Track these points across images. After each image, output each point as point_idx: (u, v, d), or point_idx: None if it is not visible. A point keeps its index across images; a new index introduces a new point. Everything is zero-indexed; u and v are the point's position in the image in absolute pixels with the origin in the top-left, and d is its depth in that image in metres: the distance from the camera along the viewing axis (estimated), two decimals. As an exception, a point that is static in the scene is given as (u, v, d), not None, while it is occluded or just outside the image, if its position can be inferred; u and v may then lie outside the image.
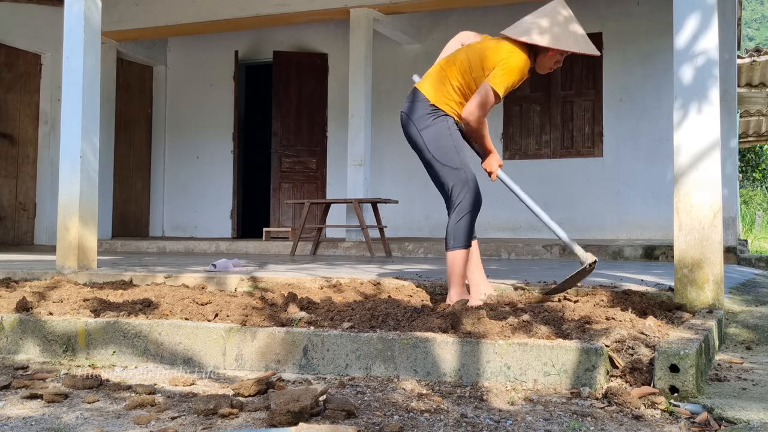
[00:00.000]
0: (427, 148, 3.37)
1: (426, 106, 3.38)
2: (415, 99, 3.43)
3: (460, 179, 3.34)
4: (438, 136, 3.35)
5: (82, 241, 4.66)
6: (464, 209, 3.34)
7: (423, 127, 3.37)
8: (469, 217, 3.34)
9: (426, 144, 3.36)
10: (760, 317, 3.42)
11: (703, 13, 3.33)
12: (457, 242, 3.34)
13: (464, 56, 3.39)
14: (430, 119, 3.36)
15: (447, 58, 3.46)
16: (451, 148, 3.34)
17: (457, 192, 3.34)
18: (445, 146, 3.34)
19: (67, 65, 4.82)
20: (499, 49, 3.32)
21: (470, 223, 3.35)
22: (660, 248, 6.61)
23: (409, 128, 3.43)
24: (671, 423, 1.98)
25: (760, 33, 46.65)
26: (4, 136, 9.32)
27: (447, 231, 3.37)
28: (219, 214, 10.29)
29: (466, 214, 3.34)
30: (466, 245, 3.35)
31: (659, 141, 8.33)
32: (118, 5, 8.68)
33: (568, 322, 2.76)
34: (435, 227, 9.15)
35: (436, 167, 3.37)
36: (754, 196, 21.84)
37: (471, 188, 3.34)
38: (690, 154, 3.30)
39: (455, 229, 3.34)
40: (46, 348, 2.92)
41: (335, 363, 2.55)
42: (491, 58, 3.31)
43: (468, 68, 3.35)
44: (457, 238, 3.34)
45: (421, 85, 3.45)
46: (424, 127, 3.37)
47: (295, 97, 9.84)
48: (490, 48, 3.35)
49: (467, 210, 3.34)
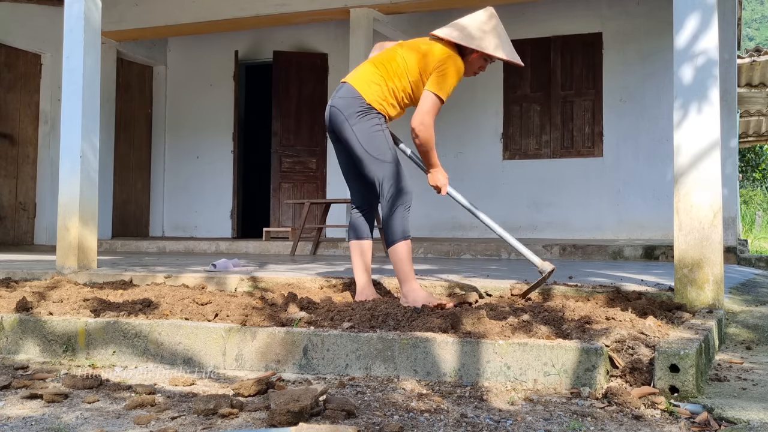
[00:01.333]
0: (359, 142, 3.39)
1: (361, 103, 3.41)
2: (349, 95, 3.44)
3: (391, 173, 3.39)
4: (371, 131, 3.39)
5: (82, 241, 4.66)
6: (396, 202, 3.37)
7: (356, 122, 3.40)
8: (401, 208, 3.38)
9: (359, 139, 3.39)
10: (760, 317, 3.42)
11: (703, 13, 3.33)
12: (396, 235, 3.37)
13: (399, 58, 3.45)
14: (363, 116, 3.40)
15: (380, 58, 3.50)
16: (383, 142, 3.40)
17: (389, 185, 3.38)
18: (378, 140, 3.39)
19: (67, 65, 4.82)
20: (433, 51, 3.39)
21: (404, 214, 3.39)
22: (660, 248, 6.60)
23: (340, 123, 3.43)
24: (671, 423, 1.98)
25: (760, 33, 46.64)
26: (4, 136, 9.32)
27: (384, 228, 3.40)
28: (219, 214, 10.29)
29: (399, 206, 3.38)
30: (406, 236, 3.38)
31: (659, 141, 8.33)
32: (118, 5, 8.68)
33: (568, 322, 2.76)
34: (435, 227, 9.15)
35: (367, 161, 3.40)
36: (754, 196, 21.84)
37: (401, 180, 3.39)
38: (690, 154, 3.30)
39: (391, 223, 3.37)
40: (46, 348, 2.92)
41: (335, 363, 2.55)
42: (427, 62, 3.37)
43: (404, 71, 3.42)
44: (396, 232, 3.37)
45: (354, 82, 3.46)
46: (356, 122, 3.39)
47: (295, 97, 9.84)
48: (423, 50, 3.42)
49: (399, 202, 3.38)
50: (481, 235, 8.92)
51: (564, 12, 8.75)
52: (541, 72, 8.92)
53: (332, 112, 3.47)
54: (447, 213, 8.93)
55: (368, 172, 3.42)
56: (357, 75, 3.50)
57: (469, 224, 9.03)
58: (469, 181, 8.77)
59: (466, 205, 3.57)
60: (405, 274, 3.37)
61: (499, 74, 9.00)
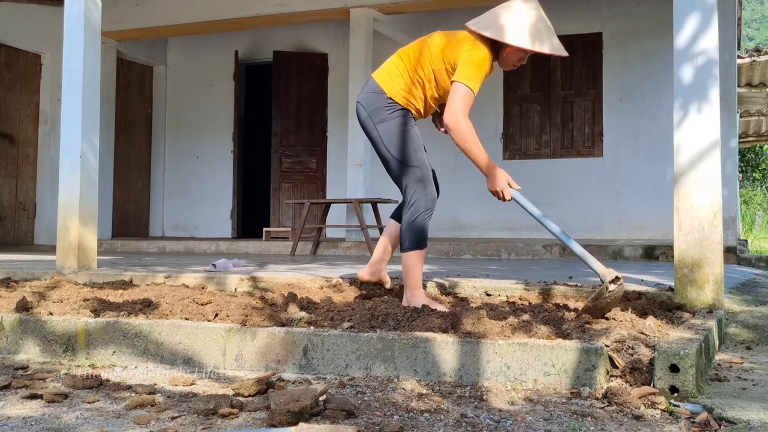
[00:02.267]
0: (382, 142, 3.26)
1: (383, 98, 3.25)
2: (371, 90, 3.30)
3: (415, 178, 3.23)
4: (394, 132, 3.23)
5: (82, 241, 4.66)
6: (418, 210, 3.23)
7: (379, 120, 3.26)
8: (423, 215, 3.23)
9: (381, 138, 3.25)
10: (760, 317, 3.42)
11: (703, 13, 3.33)
12: (412, 244, 3.24)
13: (421, 48, 3.25)
14: (387, 113, 3.25)
15: (405, 49, 3.34)
16: (407, 144, 3.22)
17: (412, 191, 3.23)
18: (401, 142, 3.22)
19: (67, 65, 4.82)
20: (460, 41, 3.17)
21: (424, 223, 3.24)
22: (660, 248, 6.61)
23: (363, 120, 3.31)
24: (671, 423, 1.98)
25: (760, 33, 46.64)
26: (4, 136, 9.32)
27: (401, 232, 3.27)
28: (219, 214, 10.29)
29: (420, 214, 3.23)
30: (422, 245, 3.25)
31: (659, 141, 8.33)
32: (118, 5, 8.68)
33: (568, 322, 2.76)
34: (435, 227, 9.14)
35: (391, 163, 3.26)
36: (754, 196, 21.84)
37: (425, 188, 3.24)
38: (690, 154, 3.30)
39: (410, 230, 3.23)
40: (46, 348, 2.92)
41: (335, 363, 2.55)
42: (451, 50, 3.16)
43: (428, 59, 3.21)
44: (412, 240, 3.24)
45: (377, 75, 3.33)
46: (380, 120, 3.25)
47: (295, 97, 9.84)
48: (450, 39, 3.21)
49: (421, 210, 3.23)
50: (480, 235, 8.92)
51: (564, 12, 8.75)
52: (541, 72, 8.92)
53: (357, 109, 3.35)
54: (447, 213, 8.93)
55: (391, 173, 3.29)
56: (381, 68, 3.35)
57: (469, 224, 9.03)
58: (469, 182, 8.77)
59: (534, 213, 3.16)
60: (414, 281, 3.26)
61: (499, 74, 9.00)
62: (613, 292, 2.87)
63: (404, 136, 3.23)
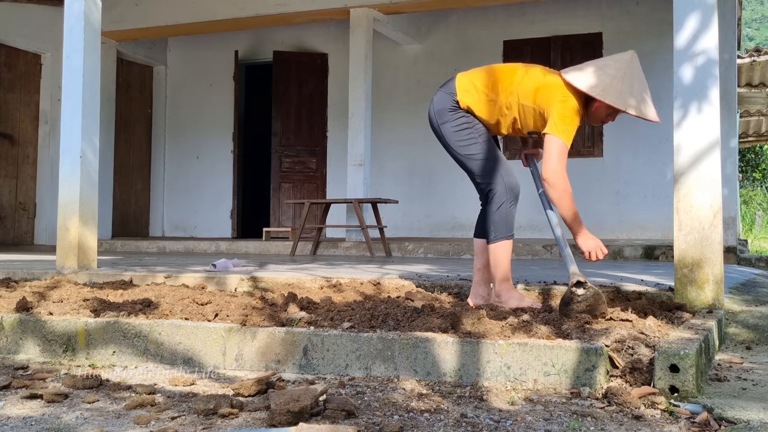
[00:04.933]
0: (447, 141, 3.30)
1: (452, 101, 3.28)
2: (447, 90, 3.32)
3: (483, 169, 3.25)
4: (457, 128, 3.26)
5: (82, 241, 4.66)
6: (499, 198, 3.24)
7: (443, 121, 3.29)
8: (505, 204, 3.23)
9: (446, 137, 3.29)
10: (760, 317, 3.42)
11: (703, 13, 3.33)
12: (498, 233, 3.24)
13: (518, 77, 3.21)
14: (451, 114, 3.28)
15: (498, 68, 3.31)
16: (472, 137, 3.24)
17: (485, 183, 3.27)
18: (463, 135, 3.25)
19: (67, 65, 4.82)
20: (553, 90, 3.13)
21: (507, 211, 3.23)
22: (660, 248, 6.60)
23: (430, 118, 3.36)
24: (671, 423, 1.98)
25: (760, 33, 46.65)
26: (4, 136, 9.32)
27: (487, 224, 3.27)
28: (219, 214, 10.29)
29: (504, 203, 3.23)
30: (509, 234, 3.24)
31: (659, 141, 8.33)
32: (118, 5, 8.68)
33: (567, 322, 2.76)
34: (435, 227, 9.15)
35: (459, 159, 3.30)
36: (754, 196, 21.83)
37: (500, 175, 3.24)
38: (690, 154, 3.30)
39: (492, 218, 3.24)
40: (46, 348, 2.92)
41: (335, 363, 2.55)
42: (544, 95, 3.13)
43: (516, 90, 3.19)
44: (498, 229, 3.24)
45: (459, 80, 3.31)
46: (444, 121, 3.29)
47: (295, 97, 9.84)
48: (545, 83, 3.16)
49: (499, 198, 3.24)
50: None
51: (564, 12, 8.74)
52: (541, 72, 8.91)
53: (430, 106, 3.38)
54: (447, 213, 8.93)
55: (463, 168, 3.33)
56: (466, 74, 3.32)
57: (469, 224, 8.99)
58: (469, 182, 8.74)
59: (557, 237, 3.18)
60: (503, 272, 3.25)
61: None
62: (584, 295, 2.91)
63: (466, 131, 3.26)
